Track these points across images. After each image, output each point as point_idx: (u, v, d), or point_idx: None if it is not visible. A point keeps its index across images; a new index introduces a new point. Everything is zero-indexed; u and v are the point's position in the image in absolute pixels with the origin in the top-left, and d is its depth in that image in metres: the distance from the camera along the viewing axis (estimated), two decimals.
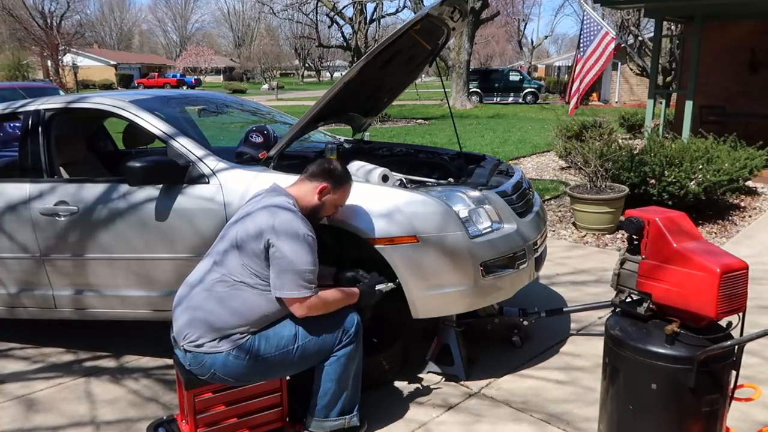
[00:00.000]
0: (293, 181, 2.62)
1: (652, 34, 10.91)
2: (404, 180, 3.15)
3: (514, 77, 30.02)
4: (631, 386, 2.17)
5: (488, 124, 16.87)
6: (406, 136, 13.90)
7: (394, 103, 5.32)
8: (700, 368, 2.01)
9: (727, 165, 6.08)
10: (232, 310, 2.32)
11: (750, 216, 6.37)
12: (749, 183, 7.14)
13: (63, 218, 3.14)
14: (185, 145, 3.06)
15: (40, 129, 3.33)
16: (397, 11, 37.37)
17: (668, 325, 2.10)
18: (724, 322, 2.16)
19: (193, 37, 78.59)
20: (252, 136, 3.33)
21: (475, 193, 2.99)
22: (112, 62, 54.93)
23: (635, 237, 2.26)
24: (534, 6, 70.70)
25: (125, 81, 50.48)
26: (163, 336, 2.93)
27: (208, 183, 2.97)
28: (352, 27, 27.58)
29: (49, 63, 38.33)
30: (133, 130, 3.78)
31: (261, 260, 2.32)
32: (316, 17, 27.71)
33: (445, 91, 4.82)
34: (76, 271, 3.20)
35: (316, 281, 2.36)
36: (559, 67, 41.85)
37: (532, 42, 50.65)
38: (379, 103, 4.06)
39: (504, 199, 3.08)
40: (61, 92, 11.00)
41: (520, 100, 29.08)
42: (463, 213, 2.85)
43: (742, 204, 6.83)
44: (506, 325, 3.41)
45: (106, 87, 45.76)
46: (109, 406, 2.93)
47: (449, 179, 3.49)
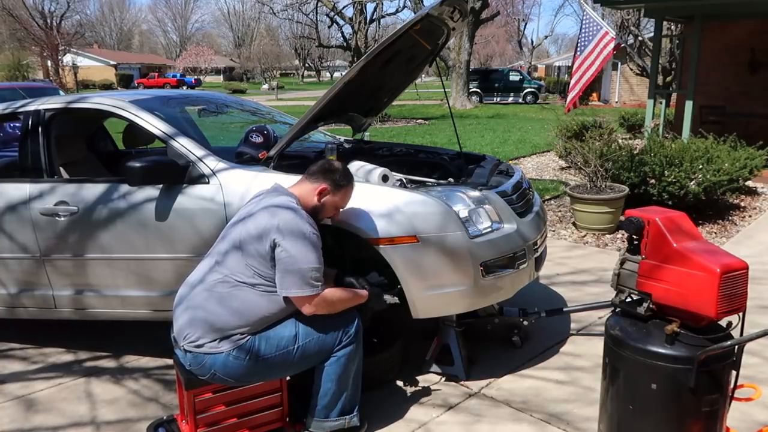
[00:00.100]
0: (294, 181, 2.62)
1: (652, 34, 10.91)
2: (404, 180, 3.15)
3: (514, 77, 30.03)
4: (631, 386, 2.17)
5: (488, 124, 16.87)
6: (406, 136, 13.90)
7: (394, 103, 5.32)
8: (700, 368, 2.01)
9: (727, 165, 6.08)
10: (233, 310, 2.32)
11: (750, 216, 6.37)
12: (749, 183, 7.15)
13: (63, 218, 3.14)
14: (185, 145, 3.06)
15: (40, 129, 3.33)
16: (397, 11, 37.39)
17: (668, 325, 2.10)
18: (724, 322, 2.16)
19: (193, 37, 78.60)
20: (252, 136, 3.33)
21: (475, 193, 2.99)
22: (112, 62, 54.93)
23: (635, 237, 2.26)
24: (534, 6, 70.66)
25: (125, 81, 50.48)
26: (163, 336, 2.93)
27: (208, 183, 2.97)
28: (352, 27, 27.58)
29: (49, 63, 38.33)
30: (133, 130, 3.78)
31: (265, 260, 2.31)
32: (316, 17, 27.71)
33: (445, 91, 4.81)
34: (76, 271, 3.20)
35: (323, 279, 2.36)
36: (559, 67, 41.84)
37: (532, 42, 50.70)
38: (379, 103, 4.06)
39: (504, 199, 3.08)
40: (61, 92, 11.00)
41: (520, 100, 29.08)
42: (463, 213, 2.85)
43: (742, 204, 6.82)
44: (506, 325, 3.42)
45: (106, 87, 45.76)
46: (109, 406, 2.93)
47: (449, 179, 3.49)
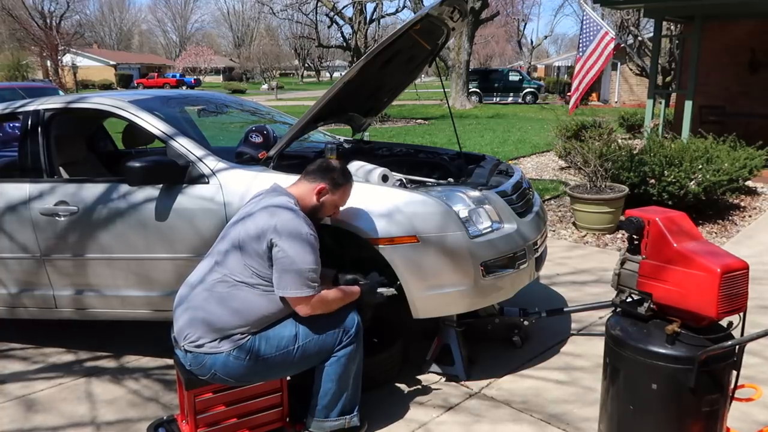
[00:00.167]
0: (293, 181, 2.62)
1: (651, 34, 10.91)
2: (404, 180, 3.15)
3: (514, 77, 30.03)
4: (631, 386, 2.17)
5: (488, 124, 16.87)
6: (405, 136, 13.90)
7: (394, 103, 5.31)
8: (700, 368, 2.01)
9: (726, 165, 6.08)
10: (233, 310, 2.32)
11: (750, 216, 6.37)
12: (749, 183, 7.15)
13: (63, 218, 3.14)
14: (185, 145, 3.06)
15: (39, 129, 3.32)
16: (397, 11, 37.42)
17: (669, 325, 2.10)
18: (724, 322, 2.16)
19: (192, 37, 78.59)
20: (252, 136, 3.33)
21: (475, 193, 2.99)
22: (112, 62, 54.92)
23: (635, 237, 2.26)
24: (534, 6, 70.71)
25: (125, 81, 50.46)
26: (163, 336, 2.93)
27: (208, 183, 2.97)
28: (352, 27, 27.58)
29: (49, 63, 38.32)
30: (133, 130, 3.77)
31: (263, 260, 2.32)
32: (316, 17, 27.72)
33: (444, 91, 4.81)
34: (77, 271, 3.19)
35: (319, 280, 2.36)
36: (559, 67, 41.82)
37: (532, 42, 50.72)
38: (378, 103, 4.06)
39: (504, 199, 3.08)
40: (61, 92, 11.00)
41: (520, 100, 29.08)
42: (463, 213, 2.85)
43: (742, 204, 6.82)
44: (506, 325, 3.41)
45: (106, 87, 45.74)
46: (109, 406, 2.93)
47: (449, 179, 3.49)
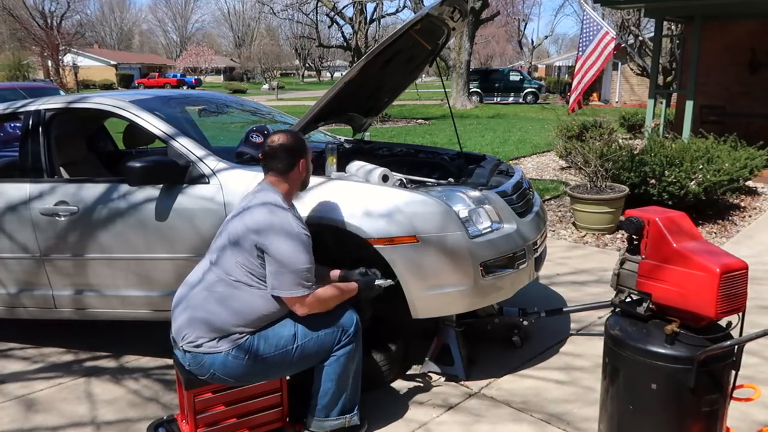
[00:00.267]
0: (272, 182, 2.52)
1: (652, 34, 10.91)
2: (404, 180, 3.15)
3: (515, 77, 30.02)
4: (631, 386, 2.17)
5: (488, 124, 16.87)
6: (406, 136, 13.89)
7: (395, 103, 5.31)
8: (700, 368, 2.01)
9: (727, 165, 6.08)
10: (232, 310, 2.32)
11: (750, 216, 6.37)
12: (749, 183, 7.14)
13: (63, 218, 3.14)
14: (185, 145, 3.06)
15: (40, 129, 3.33)
16: (397, 11, 37.46)
17: (668, 325, 2.10)
18: (723, 322, 2.16)
19: (193, 37, 78.57)
20: (252, 136, 3.32)
21: (475, 193, 2.99)
22: (113, 62, 54.92)
23: (635, 237, 2.26)
24: (534, 6, 70.60)
25: (125, 81, 50.46)
26: (163, 336, 2.93)
27: (209, 183, 2.97)
28: (352, 27, 27.58)
29: (50, 63, 38.33)
30: (134, 130, 3.78)
31: (254, 258, 2.31)
32: (316, 17, 27.72)
33: (445, 91, 4.81)
34: (76, 271, 3.20)
35: (314, 279, 2.36)
36: (560, 67, 41.82)
37: (533, 42, 50.67)
38: (379, 103, 4.06)
39: (504, 199, 3.08)
40: (62, 92, 11.00)
41: (521, 100, 29.07)
42: (463, 213, 2.85)
43: (742, 204, 6.82)
44: (506, 325, 3.42)
45: (107, 87, 45.73)
46: (109, 406, 2.93)
47: (449, 179, 3.49)
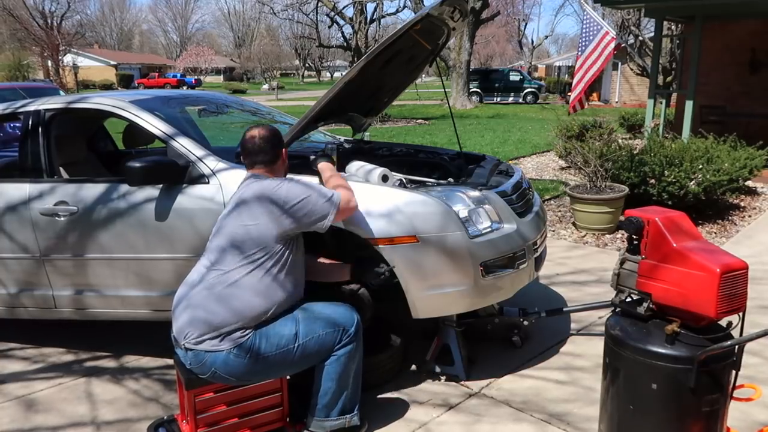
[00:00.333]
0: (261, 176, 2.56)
1: (652, 34, 10.91)
2: (404, 180, 3.15)
3: (515, 77, 30.02)
4: (631, 386, 2.17)
5: (488, 124, 16.87)
6: (406, 136, 13.89)
7: (394, 103, 5.31)
8: (700, 368, 2.01)
9: (727, 165, 6.08)
10: (232, 309, 2.32)
11: (750, 216, 6.37)
12: (749, 183, 7.14)
13: (63, 218, 3.14)
14: (185, 146, 3.06)
15: (40, 129, 3.33)
16: (397, 11, 37.44)
17: (668, 325, 2.10)
18: (724, 322, 2.16)
19: (193, 37, 78.56)
20: None
21: (475, 193, 2.99)
22: (113, 62, 54.92)
23: (635, 237, 2.26)
24: (534, 6, 70.66)
25: (125, 81, 50.47)
26: (163, 336, 2.93)
27: (208, 183, 2.97)
28: (352, 27, 27.58)
29: (50, 63, 38.32)
30: (133, 131, 3.78)
31: (271, 242, 2.35)
32: (317, 17, 27.73)
33: (445, 91, 4.81)
34: (76, 271, 3.20)
35: (331, 191, 2.51)
36: (560, 67, 41.83)
37: (533, 42, 50.70)
38: (379, 103, 4.06)
39: (504, 199, 3.08)
40: (62, 92, 11.00)
41: (521, 100, 29.07)
42: (463, 213, 2.85)
43: (742, 204, 6.82)
44: (506, 325, 3.42)
45: (107, 87, 45.74)
46: (109, 406, 2.93)
47: (449, 179, 3.49)
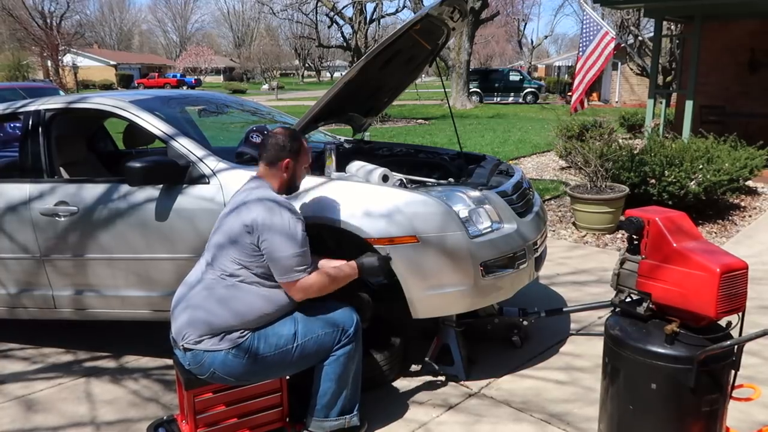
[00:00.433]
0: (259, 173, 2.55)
1: (652, 34, 10.91)
2: (404, 180, 3.15)
3: (514, 77, 30.02)
4: (631, 386, 2.17)
5: (488, 124, 16.87)
6: (406, 136, 13.89)
7: (394, 103, 5.31)
8: (700, 368, 2.01)
9: (727, 165, 6.08)
10: (232, 310, 2.32)
11: (750, 216, 6.37)
12: (749, 183, 7.14)
13: (63, 218, 3.14)
14: (185, 146, 3.06)
15: (40, 129, 3.33)
16: (397, 11, 37.41)
17: (668, 324, 2.10)
18: (723, 322, 2.16)
19: (193, 37, 78.53)
20: (252, 136, 3.32)
21: (475, 193, 2.99)
22: (112, 62, 54.90)
23: (635, 237, 2.26)
24: (534, 6, 70.53)
25: (125, 81, 50.45)
26: (163, 336, 2.93)
27: (209, 183, 2.97)
28: (352, 27, 27.58)
29: (49, 63, 38.27)
30: (134, 131, 3.78)
31: (253, 255, 2.33)
32: (316, 17, 27.73)
33: (445, 91, 4.81)
34: (76, 271, 3.20)
35: (308, 263, 2.37)
36: (559, 67, 41.83)
37: (532, 42, 50.69)
38: (379, 103, 4.06)
39: (504, 199, 3.08)
40: (61, 92, 11.00)
41: (521, 100, 29.07)
42: (463, 213, 2.85)
43: (742, 204, 6.82)
44: (506, 325, 3.42)
45: (106, 87, 45.72)
46: (109, 406, 2.93)
47: (449, 179, 3.49)
